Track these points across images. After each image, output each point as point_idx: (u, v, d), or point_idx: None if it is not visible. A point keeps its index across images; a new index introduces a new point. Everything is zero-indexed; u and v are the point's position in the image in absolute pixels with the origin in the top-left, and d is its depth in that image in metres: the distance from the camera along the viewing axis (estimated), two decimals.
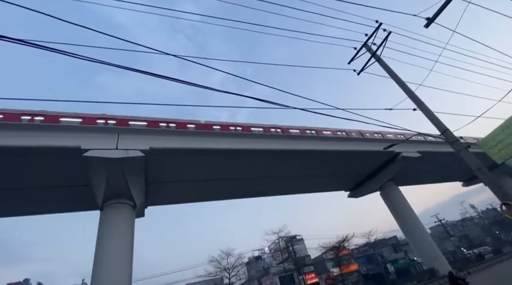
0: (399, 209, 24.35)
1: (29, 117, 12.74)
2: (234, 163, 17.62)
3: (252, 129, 18.34)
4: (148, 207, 18.96)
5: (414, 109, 8.95)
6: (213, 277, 33.16)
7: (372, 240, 38.15)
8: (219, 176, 18.60)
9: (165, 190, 18.30)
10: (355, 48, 10.66)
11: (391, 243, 41.78)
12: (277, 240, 38.68)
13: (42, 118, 12.90)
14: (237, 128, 17.82)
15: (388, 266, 34.55)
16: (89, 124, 13.52)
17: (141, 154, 13.61)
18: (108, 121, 14.20)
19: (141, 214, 17.48)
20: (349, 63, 10.82)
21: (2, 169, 12.66)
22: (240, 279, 34.99)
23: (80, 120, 13.54)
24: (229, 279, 30.87)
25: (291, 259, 35.47)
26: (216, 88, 5.15)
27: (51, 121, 12.86)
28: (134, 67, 4.39)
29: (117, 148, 13.35)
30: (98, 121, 13.99)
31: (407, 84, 9.28)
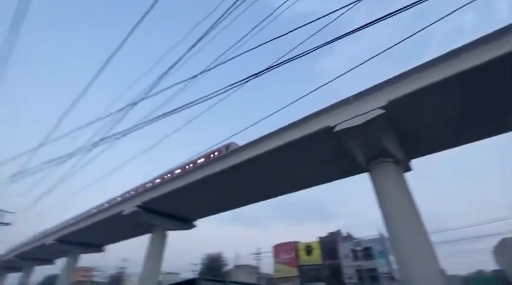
0: None
1: None
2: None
3: None
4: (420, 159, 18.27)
5: None
6: None
7: None
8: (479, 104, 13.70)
9: (421, 139, 16.55)
10: None
11: None
12: None
13: None
14: None
15: None
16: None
17: (381, 111, 13.41)
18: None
19: (407, 168, 17.09)
20: None
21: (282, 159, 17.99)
22: None
23: None
24: None
25: None
26: None
27: None
28: None
29: (356, 116, 14.23)
30: None
31: None
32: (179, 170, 24.87)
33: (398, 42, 6.52)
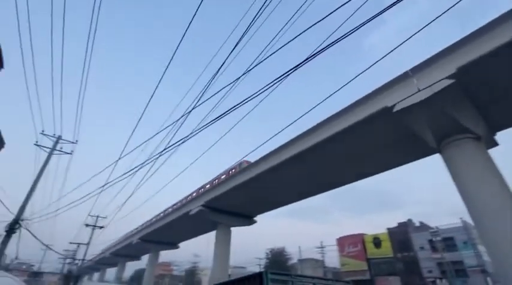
0: None
1: None
2: None
3: None
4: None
5: None
6: None
7: None
8: None
9: (504, 109, 13.82)
10: None
11: None
12: None
13: None
14: None
15: None
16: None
17: (449, 81, 11.62)
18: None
19: (492, 144, 14.50)
20: None
21: (353, 146, 17.01)
22: None
23: None
24: None
25: None
26: None
27: None
28: None
29: (419, 90, 12.63)
30: None
31: None
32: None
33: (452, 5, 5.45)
